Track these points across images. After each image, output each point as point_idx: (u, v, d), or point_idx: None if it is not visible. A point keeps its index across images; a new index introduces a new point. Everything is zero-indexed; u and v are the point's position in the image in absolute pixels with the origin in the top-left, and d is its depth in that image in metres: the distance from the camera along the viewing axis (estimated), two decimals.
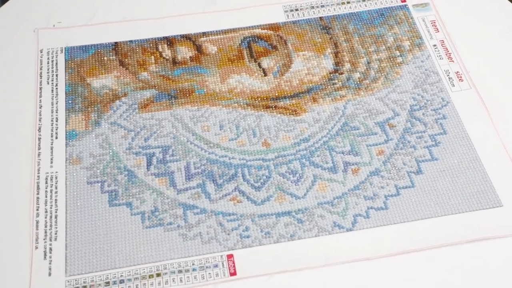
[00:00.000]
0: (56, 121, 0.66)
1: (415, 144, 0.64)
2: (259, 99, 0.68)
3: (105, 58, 0.71)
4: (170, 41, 0.73)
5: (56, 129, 0.65)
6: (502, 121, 0.65)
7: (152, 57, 0.71)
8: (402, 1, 0.76)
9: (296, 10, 0.75)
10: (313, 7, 0.76)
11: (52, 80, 0.69)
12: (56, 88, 0.68)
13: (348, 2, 0.76)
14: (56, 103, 0.67)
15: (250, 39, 0.73)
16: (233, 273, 0.56)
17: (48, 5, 0.76)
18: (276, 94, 0.68)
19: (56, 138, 0.64)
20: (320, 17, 0.75)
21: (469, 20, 0.74)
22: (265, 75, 0.70)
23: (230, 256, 0.57)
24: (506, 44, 0.72)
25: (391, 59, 0.70)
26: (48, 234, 0.58)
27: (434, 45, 0.71)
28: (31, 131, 0.65)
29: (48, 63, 0.71)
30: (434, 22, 0.74)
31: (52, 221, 0.59)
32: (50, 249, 0.57)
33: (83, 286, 0.55)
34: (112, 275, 0.56)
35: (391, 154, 0.63)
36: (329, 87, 0.68)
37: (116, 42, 0.73)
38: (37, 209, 0.59)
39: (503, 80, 0.68)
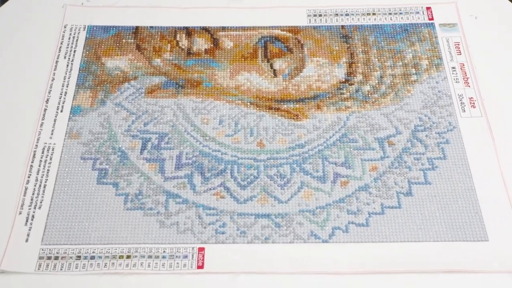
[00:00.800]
0: (65, 95, 0.68)
1: (411, 165, 0.62)
2: (264, 99, 0.68)
3: (124, 40, 0.73)
4: (189, 32, 0.74)
5: (63, 103, 0.67)
6: (507, 155, 0.63)
7: (169, 45, 0.72)
8: (429, 19, 0.74)
9: (320, 15, 0.75)
10: (337, 14, 0.75)
11: (69, 56, 0.71)
12: (72, 64, 0.71)
13: (374, 14, 0.75)
14: (68, 78, 0.69)
15: (268, 39, 0.73)
16: (201, 267, 0.56)
17: None
18: (282, 97, 0.68)
19: (61, 111, 0.66)
20: (342, 26, 0.74)
21: (495, 47, 0.71)
22: (275, 76, 0.69)
23: (201, 249, 0.57)
24: None
25: (405, 76, 0.69)
26: (34, 201, 0.60)
27: (453, 68, 0.69)
28: (39, 101, 0.67)
29: (69, 38, 0.73)
30: (458, 44, 0.71)
31: (40, 190, 0.61)
32: (33, 216, 0.59)
33: (55, 257, 0.57)
34: (85, 250, 0.57)
35: (384, 171, 0.62)
36: (336, 96, 0.68)
37: (137, 26, 0.74)
38: (29, 177, 0.61)
39: None
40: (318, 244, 0.58)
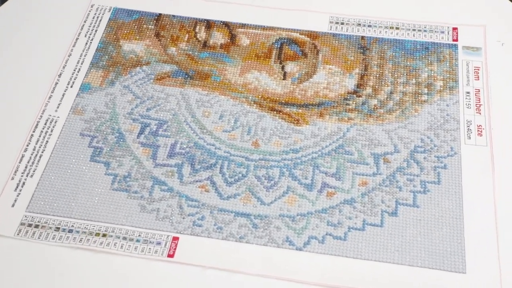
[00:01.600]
0: (78, 71, 0.70)
1: (402, 185, 0.61)
2: (268, 100, 0.67)
3: (144, 26, 0.74)
4: (209, 24, 0.74)
5: (75, 79, 0.69)
6: (505, 190, 0.60)
7: (187, 35, 0.73)
8: (453, 40, 0.72)
9: (342, 23, 0.74)
10: (359, 24, 0.74)
11: (90, 34, 0.73)
12: (90, 42, 0.73)
13: (397, 28, 0.73)
14: (85, 56, 0.71)
15: (285, 40, 0.72)
16: (171, 255, 0.57)
17: None
18: (286, 100, 0.67)
19: (71, 87, 0.69)
20: (362, 36, 0.73)
21: None
22: (284, 78, 0.69)
23: (175, 239, 0.58)
24: None
25: (416, 95, 0.67)
26: (28, 169, 0.62)
27: (467, 92, 0.67)
28: (52, 75, 0.69)
29: (93, 18, 0.75)
30: (478, 69, 0.69)
31: (36, 159, 0.63)
32: (24, 183, 0.61)
33: (35, 225, 0.58)
34: (64, 223, 0.59)
35: (374, 188, 0.61)
36: (341, 106, 0.67)
37: (160, 14, 0.75)
38: (27, 145, 0.64)
39: None
40: (291, 251, 0.57)
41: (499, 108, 0.66)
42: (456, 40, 0.72)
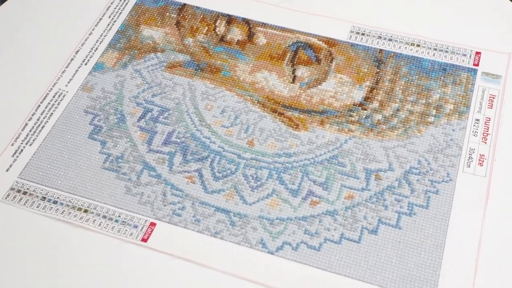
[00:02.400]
0: (95, 50, 0.72)
1: (388, 204, 0.60)
2: (272, 101, 0.67)
3: (167, 14, 0.75)
4: (230, 20, 0.75)
5: (90, 57, 0.71)
6: (494, 227, 0.58)
7: (206, 28, 0.74)
8: (474, 64, 0.70)
9: (363, 34, 0.73)
10: (380, 37, 0.73)
11: (114, 16, 0.75)
12: (113, 24, 0.74)
13: (418, 45, 0.72)
14: (105, 36, 0.73)
15: (301, 44, 0.72)
16: (145, 240, 0.58)
17: None
18: (290, 103, 0.67)
19: (86, 64, 0.71)
20: (380, 50, 0.71)
21: None
22: (293, 82, 0.69)
23: (152, 224, 0.59)
24: None
25: (423, 115, 0.66)
26: (28, 138, 0.64)
27: (477, 120, 0.65)
28: (70, 51, 0.72)
29: (120, 0, 0.77)
30: (493, 97, 0.67)
31: (37, 129, 0.65)
32: (22, 150, 0.63)
33: (24, 192, 0.61)
34: (51, 194, 0.61)
35: (359, 203, 0.60)
36: (343, 117, 0.66)
37: (184, 4, 0.76)
38: (32, 115, 0.66)
39: None
40: (263, 253, 0.57)
41: (507, 140, 0.64)
42: (477, 65, 0.70)
